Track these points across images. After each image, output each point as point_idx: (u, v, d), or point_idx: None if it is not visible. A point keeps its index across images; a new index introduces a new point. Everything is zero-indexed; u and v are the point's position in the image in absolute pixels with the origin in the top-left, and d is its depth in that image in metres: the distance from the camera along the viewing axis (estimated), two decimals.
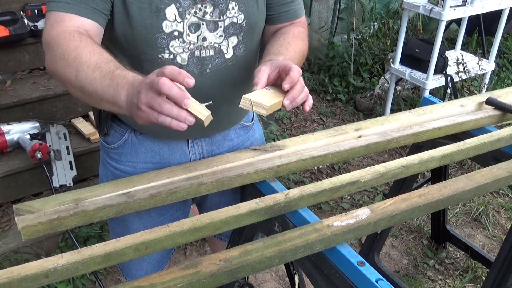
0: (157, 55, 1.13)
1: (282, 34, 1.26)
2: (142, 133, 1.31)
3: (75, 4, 1.05)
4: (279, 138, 3.13)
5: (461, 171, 3.13)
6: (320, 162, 1.32)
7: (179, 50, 1.14)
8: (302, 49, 1.26)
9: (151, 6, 1.07)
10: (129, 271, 1.50)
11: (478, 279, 2.38)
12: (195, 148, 1.34)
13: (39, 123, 2.44)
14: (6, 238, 2.22)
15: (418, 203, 1.19)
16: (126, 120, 1.30)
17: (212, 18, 1.14)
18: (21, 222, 1.02)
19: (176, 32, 1.11)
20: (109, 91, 0.97)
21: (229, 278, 0.99)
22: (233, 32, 1.18)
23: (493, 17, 3.51)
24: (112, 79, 0.97)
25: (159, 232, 1.02)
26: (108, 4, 1.08)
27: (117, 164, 1.34)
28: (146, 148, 1.32)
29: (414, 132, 1.44)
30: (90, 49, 1.01)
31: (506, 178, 1.33)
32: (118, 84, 0.96)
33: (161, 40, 1.11)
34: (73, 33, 1.03)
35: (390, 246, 2.59)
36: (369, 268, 1.02)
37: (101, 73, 0.98)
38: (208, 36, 1.16)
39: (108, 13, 1.09)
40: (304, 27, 1.34)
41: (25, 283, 0.90)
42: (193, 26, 1.13)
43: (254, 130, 1.48)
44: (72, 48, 1.01)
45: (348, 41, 4.09)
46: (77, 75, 0.99)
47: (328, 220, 1.10)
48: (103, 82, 0.98)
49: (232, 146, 1.40)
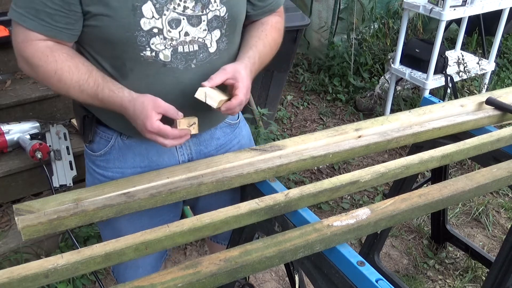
0: (139, 53, 1.13)
1: (261, 24, 1.31)
2: (129, 136, 1.29)
3: (37, 21, 1.07)
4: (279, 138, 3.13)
5: (461, 171, 3.13)
6: (320, 162, 1.32)
7: (161, 47, 1.13)
8: (277, 41, 1.33)
9: (127, 5, 1.07)
10: (124, 280, 1.48)
11: (478, 279, 2.38)
12: (183, 149, 1.33)
13: (39, 123, 2.44)
14: (6, 238, 2.21)
15: (418, 203, 1.19)
16: (112, 124, 1.28)
17: (194, 12, 1.14)
18: (21, 222, 1.02)
19: (156, 29, 1.11)
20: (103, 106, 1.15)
21: (229, 278, 0.99)
22: (216, 25, 1.18)
23: (493, 17, 3.50)
24: (101, 102, 1.14)
25: (159, 232, 1.02)
26: (72, 18, 1.08)
27: (105, 171, 1.32)
28: (134, 153, 1.30)
29: (414, 132, 1.44)
30: (67, 69, 1.11)
31: (506, 178, 1.33)
32: (108, 107, 1.15)
33: (141, 38, 1.10)
34: (45, 52, 1.10)
35: (390, 246, 2.59)
36: (369, 268, 1.02)
37: (88, 94, 1.13)
38: (191, 31, 1.15)
39: (74, 27, 1.10)
40: (281, 16, 1.37)
41: (25, 283, 0.90)
42: (174, 22, 1.12)
43: (241, 128, 1.48)
44: (51, 71, 1.11)
45: (348, 41, 4.09)
46: (68, 93, 1.14)
47: (328, 220, 1.10)
48: (94, 102, 1.15)
49: (219, 145, 1.39)
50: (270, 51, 1.31)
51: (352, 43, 3.99)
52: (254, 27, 1.31)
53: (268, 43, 1.29)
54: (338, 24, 4.12)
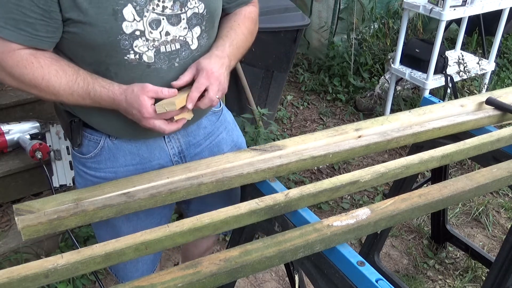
0: (123, 57, 1.13)
1: (234, 15, 1.33)
2: (118, 137, 1.29)
3: (17, 31, 1.05)
4: (279, 138, 3.13)
5: (461, 171, 3.13)
6: (320, 162, 1.32)
7: (144, 49, 1.14)
8: (251, 30, 1.34)
9: (107, 10, 1.06)
10: (124, 274, 1.48)
11: (478, 279, 2.38)
12: (172, 142, 1.34)
13: (39, 123, 2.44)
14: (6, 238, 2.22)
15: (418, 203, 1.19)
16: (100, 127, 1.28)
17: (173, 11, 1.14)
18: (21, 222, 1.02)
19: (138, 32, 1.11)
20: (95, 105, 1.15)
21: (229, 278, 0.99)
22: (196, 22, 1.19)
23: (493, 17, 3.50)
24: (92, 100, 1.13)
25: (159, 232, 1.02)
26: (53, 26, 1.07)
27: (96, 172, 1.31)
28: (125, 152, 1.30)
29: (414, 132, 1.44)
30: (54, 73, 1.11)
31: (506, 178, 1.33)
32: (101, 103, 1.14)
33: (124, 41, 1.10)
34: (29, 59, 1.09)
35: (390, 246, 2.59)
36: (369, 268, 1.02)
37: (78, 96, 1.13)
38: (171, 30, 1.16)
39: (55, 34, 1.09)
40: (256, 6, 1.39)
41: (25, 283, 0.90)
42: (154, 23, 1.13)
43: (225, 115, 1.49)
44: (39, 77, 1.10)
45: (348, 41, 4.09)
46: (57, 97, 1.14)
47: (328, 220, 1.10)
48: (85, 102, 1.14)
49: (207, 134, 1.41)
50: (245, 39, 1.32)
51: (352, 43, 3.99)
52: (227, 18, 1.33)
53: (241, 32, 1.30)
54: (338, 24, 4.12)
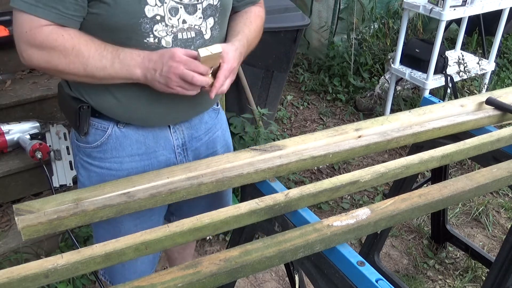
0: (142, 40, 1.17)
1: (245, 13, 1.41)
2: (126, 124, 1.31)
3: (48, 9, 1.10)
4: (279, 138, 3.13)
5: (461, 171, 3.13)
6: (320, 162, 1.32)
7: (163, 34, 1.18)
8: (260, 28, 1.43)
9: None
10: (122, 276, 1.48)
11: (478, 279, 2.38)
12: (177, 133, 1.38)
13: (39, 123, 2.44)
14: (6, 238, 2.21)
15: (418, 203, 1.19)
16: (110, 112, 1.29)
17: (190, 1, 1.20)
18: (21, 222, 1.02)
19: (158, 16, 1.16)
20: (122, 72, 1.15)
21: (229, 278, 0.99)
22: (210, 13, 1.24)
23: (493, 17, 3.51)
24: (122, 62, 1.14)
25: (159, 232, 1.02)
26: (81, 5, 1.11)
27: (101, 162, 1.33)
28: (131, 140, 1.32)
29: (414, 132, 1.44)
30: (84, 42, 1.14)
31: (506, 178, 1.33)
32: (129, 65, 1.14)
33: (145, 25, 1.15)
34: (59, 32, 1.12)
35: (390, 246, 2.59)
36: (369, 268, 1.02)
37: (107, 60, 1.14)
38: (188, 18, 1.21)
39: (81, 13, 1.13)
40: (262, 7, 1.49)
41: (25, 283, 0.90)
42: (173, 10, 1.18)
43: (222, 114, 1.56)
44: (69, 48, 1.13)
45: (348, 41, 4.09)
46: (86, 68, 1.14)
47: (328, 220, 1.10)
48: (113, 67, 1.15)
49: (207, 129, 1.46)
50: (255, 36, 1.39)
51: (352, 43, 3.99)
52: (239, 15, 1.40)
53: (254, 29, 1.38)
54: (338, 24, 4.12)
